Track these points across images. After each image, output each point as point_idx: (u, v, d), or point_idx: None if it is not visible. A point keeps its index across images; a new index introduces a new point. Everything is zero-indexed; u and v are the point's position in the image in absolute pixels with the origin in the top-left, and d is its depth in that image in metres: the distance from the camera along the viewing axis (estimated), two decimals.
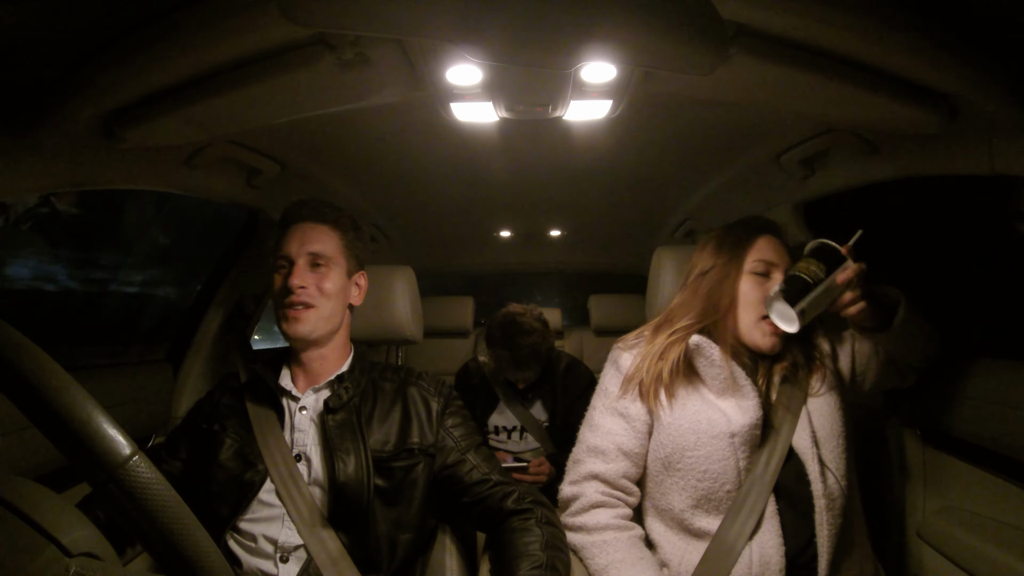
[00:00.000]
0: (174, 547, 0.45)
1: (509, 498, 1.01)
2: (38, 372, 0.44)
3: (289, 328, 1.02)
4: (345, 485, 0.95)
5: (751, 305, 1.03)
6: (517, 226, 2.38)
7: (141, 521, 0.44)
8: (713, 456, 0.97)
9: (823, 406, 1.01)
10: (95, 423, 0.44)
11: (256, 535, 0.94)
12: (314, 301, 1.03)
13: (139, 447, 0.47)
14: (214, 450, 1.00)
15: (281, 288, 1.03)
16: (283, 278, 1.03)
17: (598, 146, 1.36)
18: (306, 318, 1.02)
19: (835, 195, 1.37)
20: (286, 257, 1.04)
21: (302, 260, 1.03)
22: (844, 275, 0.95)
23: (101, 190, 1.05)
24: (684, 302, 1.09)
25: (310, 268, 1.04)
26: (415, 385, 1.11)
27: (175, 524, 0.45)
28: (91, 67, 0.79)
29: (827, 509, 0.93)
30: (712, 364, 1.01)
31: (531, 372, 1.89)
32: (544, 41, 0.61)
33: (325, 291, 1.04)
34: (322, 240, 1.06)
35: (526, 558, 0.90)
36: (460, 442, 1.06)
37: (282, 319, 1.03)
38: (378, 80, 0.92)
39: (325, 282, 1.04)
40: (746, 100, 0.95)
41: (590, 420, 1.12)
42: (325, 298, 1.04)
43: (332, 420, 1.00)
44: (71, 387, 0.44)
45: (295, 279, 1.01)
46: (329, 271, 1.05)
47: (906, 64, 0.79)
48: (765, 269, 1.04)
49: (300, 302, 1.02)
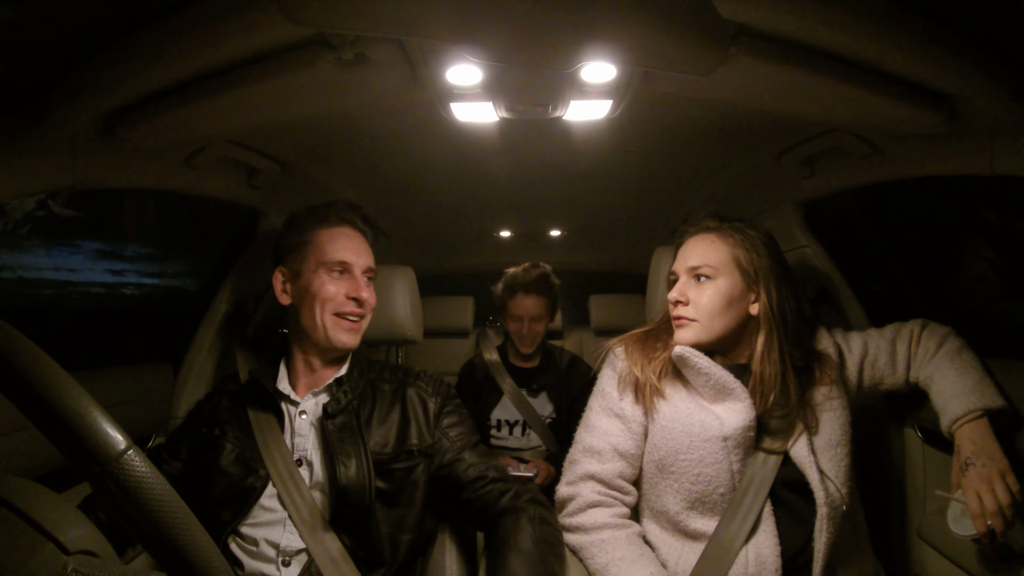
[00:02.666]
0: (170, 541, 0.45)
1: (504, 496, 1.01)
2: (33, 367, 0.43)
3: (344, 337, 1.04)
4: (347, 488, 0.95)
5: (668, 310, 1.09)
6: (517, 226, 2.38)
7: (136, 516, 0.44)
8: (706, 459, 0.97)
9: (824, 414, 1.01)
10: (90, 417, 0.44)
11: (258, 539, 0.94)
12: (368, 313, 1.08)
13: (139, 447, 0.46)
14: (215, 455, 0.99)
15: (344, 298, 1.04)
16: (344, 286, 1.05)
17: (598, 146, 1.36)
18: (359, 330, 1.06)
19: (835, 195, 1.37)
20: (344, 264, 1.06)
21: (361, 273, 1.07)
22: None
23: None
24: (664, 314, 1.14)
25: (366, 281, 1.08)
26: (413, 386, 1.11)
27: (170, 518, 0.45)
28: (91, 67, 0.79)
29: (828, 517, 0.93)
30: (699, 373, 1.01)
31: (538, 311, 1.96)
32: (544, 41, 0.61)
33: (373, 304, 1.09)
34: (370, 255, 1.10)
35: (518, 554, 0.90)
36: (456, 441, 1.06)
37: (332, 327, 1.03)
38: (378, 80, 0.92)
39: (373, 295, 1.09)
40: (746, 100, 0.95)
41: (586, 421, 1.12)
42: (370, 310, 1.09)
43: (332, 424, 1.00)
44: (66, 381, 0.44)
45: (364, 292, 1.05)
46: (372, 284, 1.10)
47: (906, 64, 0.79)
48: (674, 279, 1.08)
49: (362, 314, 1.06)
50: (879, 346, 1.10)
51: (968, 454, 0.92)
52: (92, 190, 1.02)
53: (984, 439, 0.93)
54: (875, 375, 1.09)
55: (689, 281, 1.06)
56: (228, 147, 1.20)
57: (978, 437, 0.93)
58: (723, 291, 1.02)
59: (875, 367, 1.09)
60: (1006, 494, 0.86)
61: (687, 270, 1.06)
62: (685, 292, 1.05)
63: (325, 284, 1.03)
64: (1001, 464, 0.90)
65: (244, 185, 1.37)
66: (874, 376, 1.09)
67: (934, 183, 1.09)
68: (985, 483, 0.87)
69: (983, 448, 0.92)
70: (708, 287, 1.03)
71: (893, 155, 1.10)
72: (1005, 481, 0.87)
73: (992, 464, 0.90)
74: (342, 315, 1.03)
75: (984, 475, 0.88)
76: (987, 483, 0.87)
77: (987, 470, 0.89)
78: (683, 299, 1.05)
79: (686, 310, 1.04)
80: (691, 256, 1.06)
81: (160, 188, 1.17)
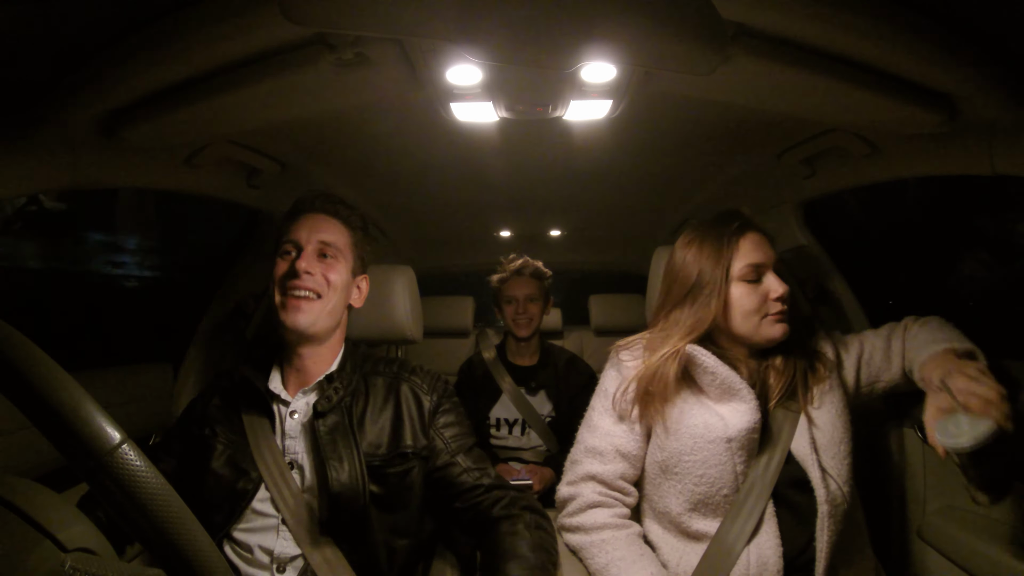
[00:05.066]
0: (165, 536, 0.45)
1: (499, 503, 0.99)
2: (29, 362, 0.43)
3: (288, 318, 0.97)
4: (339, 494, 0.92)
5: (748, 312, 1.01)
6: (517, 226, 2.38)
7: (131, 511, 0.44)
8: (710, 461, 0.96)
9: (824, 413, 1.01)
10: (84, 411, 0.43)
11: (252, 546, 0.92)
12: (321, 290, 0.99)
13: (137, 446, 0.46)
14: (206, 456, 0.97)
15: (285, 272, 0.99)
16: (289, 263, 0.99)
17: (598, 146, 1.36)
18: (309, 309, 0.98)
19: (835, 195, 1.37)
20: (294, 242, 1.01)
21: (311, 247, 1.00)
22: None
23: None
24: (675, 319, 1.06)
25: (318, 257, 1.01)
26: (408, 381, 1.07)
27: (165, 513, 0.44)
28: (91, 67, 0.79)
29: (829, 515, 0.93)
30: (706, 371, 1.00)
31: (531, 291, 2.00)
32: (544, 41, 0.61)
33: (332, 282, 1.01)
34: (333, 232, 1.04)
35: (515, 559, 0.89)
36: (451, 443, 1.03)
37: (281, 308, 0.98)
38: (378, 80, 0.92)
39: (332, 273, 1.01)
40: (746, 100, 0.95)
41: (589, 421, 1.12)
42: (331, 290, 1.01)
43: (323, 425, 0.97)
44: (61, 376, 0.44)
45: (303, 262, 0.97)
46: (336, 263, 1.03)
47: (906, 64, 0.79)
48: (756, 275, 1.01)
49: (306, 288, 0.98)
50: (874, 344, 1.09)
51: (941, 375, 0.87)
52: (92, 190, 1.02)
53: (952, 361, 0.89)
54: (872, 372, 1.09)
55: (775, 275, 1.02)
56: (228, 147, 1.20)
57: (945, 362, 0.90)
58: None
59: (871, 364, 1.09)
60: (996, 383, 0.81)
61: (770, 264, 1.02)
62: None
63: (276, 265, 1.01)
64: (980, 364, 0.87)
65: (244, 185, 1.37)
66: (871, 373, 1.09)
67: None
68: (974, 380, 0.82)
69: (955, 365, 0.88)
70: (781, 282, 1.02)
71: (893, 155, 1.10)
72: (989, 374, 0.84)
73: (971, 366, 0.86)
74: (286, 292, 0.98)
75: (969, 375, 0.83)
76: (976, 379, 0.82)
77: (969, 371, 0.85)
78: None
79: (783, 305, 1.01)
80: (759, 252, 1.02)
81: (160, 188, 1.17)
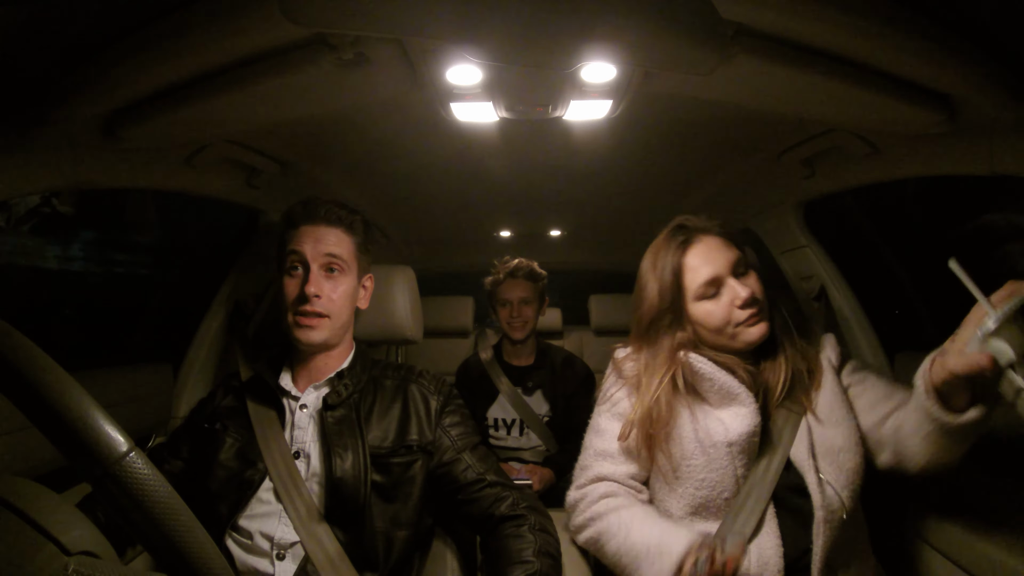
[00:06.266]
0: (171, 543, 0.45)
1: (503, 503, 1.00)
2: (36, 370, 0.44)
3: (303, 336, 1.01)
4: (342, 481, 0.95)
5: (718, 327, 1.00)
6: (517, 226, 2.38)
7: (138, 517, 0.44)
8: (711, 465, 0.96)
9: (826, 419, 0.99)
10: (92, 419, 0.44)
11: (253, 532, 0.94)
12: (329, 311, 1.02)
13: (139, 447, 0.47)
14: (215, 449, 1.00)
15: (297, 296, 1.01)
16: (298, 284, 1.01)
17: (598, 146, 1.36)
18: (320, 327, 1.02)
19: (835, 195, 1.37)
20: (300, 258, 1.02)
21: (316, 265, 1.02)
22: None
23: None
24: (652, 339, 1.05)
25: (325, 273, 1.03)
26: (415, 383, 1.10)
27: (172, 520, 0.45)
28: (91, 67, 0.79)
29: (825, 521, 0.92)
30: (704, 378, 1.00)
31: (526, 293, 1.98)
32: (544, 41, 0.61)
33: (339, 300, 1.04)
34: (337, 243, 1.05)
35: (519, 564, 0.90)
36: (457, 441, 1.06)
37: (294, 326, 1.02)
38: (378, 80, 0.92)
39: (339, 289, 1.04)
40: (746, 100, 0.95)
41: (596, 426, 1.12)
42: (340, 308, 1.04)
43: (331, 417, 1.00)
44: (68, 383, 0.44)
45: (312, 287, 1.00)
46: (343, 276, 1.05)
47: (906, 64, 0.79)
48: (714, 289, 1.00)
49: (315, 312, 1.01)
50: (876, 383, 1.03)
51: (937, 353, 0.79)
52: (92, 190, 1.02)
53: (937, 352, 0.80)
54: (869, 400, 1.01)
55: (735, 280, 1.01)
56: (228, 147, 1.20)
57: (934, 355, 0.80)
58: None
59: (864, 393, 1.03)
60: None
61: (727, 269, 1.01)
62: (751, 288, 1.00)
63: (285, 284, 1.03)
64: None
65: (244, 185, 1.37)
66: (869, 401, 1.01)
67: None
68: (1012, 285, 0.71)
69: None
70: (751, 279, 1.01)
71: (893, 155, 1.10)
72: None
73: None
74: (298, 314, 1.01)
75: (959, 333, 0.76)
76: (968, 323, 0.75)
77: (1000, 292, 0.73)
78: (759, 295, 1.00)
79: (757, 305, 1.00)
80: (710, 264, 1.01)
81: (160, 188, 1.17)
